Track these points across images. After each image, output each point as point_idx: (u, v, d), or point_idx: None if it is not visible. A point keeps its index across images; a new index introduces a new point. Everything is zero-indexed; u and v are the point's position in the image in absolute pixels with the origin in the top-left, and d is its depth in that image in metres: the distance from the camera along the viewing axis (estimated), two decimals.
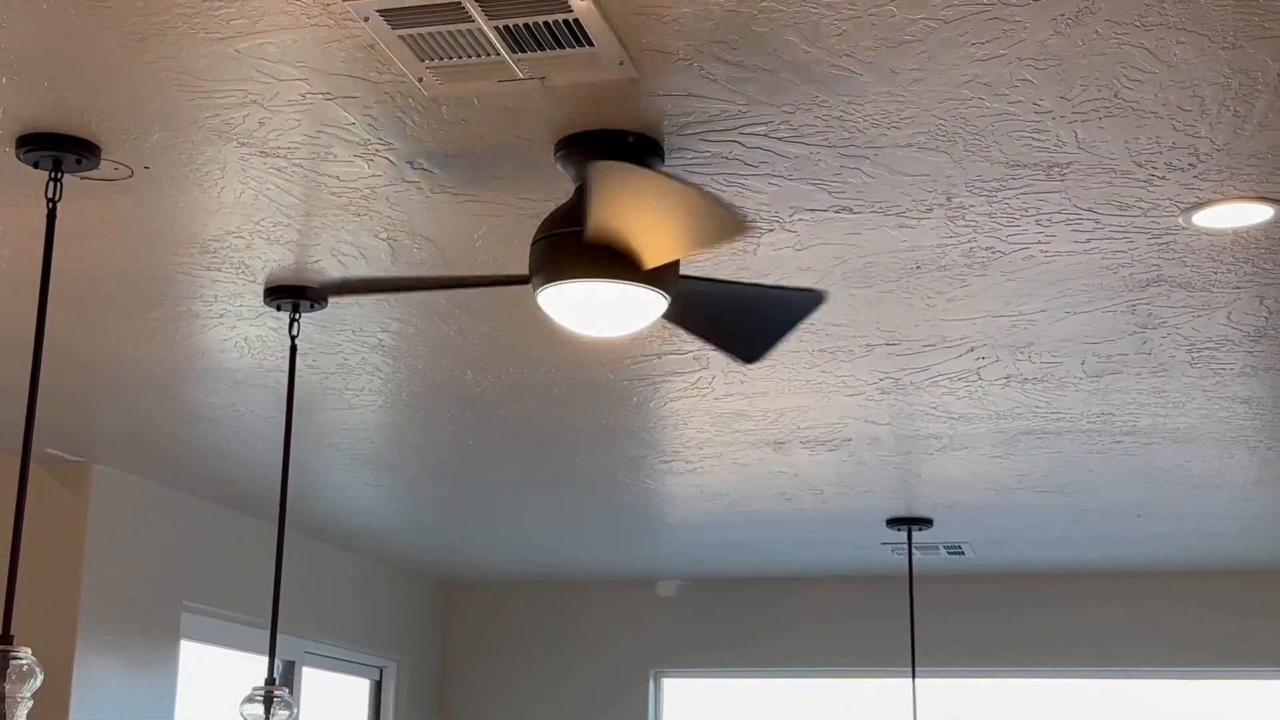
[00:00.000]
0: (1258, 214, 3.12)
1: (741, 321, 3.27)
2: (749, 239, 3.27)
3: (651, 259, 2.76)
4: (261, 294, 3.69)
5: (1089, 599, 7.57)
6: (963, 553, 7.00)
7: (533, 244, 2.86)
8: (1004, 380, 4.32)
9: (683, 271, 2.94)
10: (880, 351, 4.08)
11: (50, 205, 2.93)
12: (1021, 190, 3.02)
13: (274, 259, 3.48)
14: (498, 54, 2.51)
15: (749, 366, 3.40)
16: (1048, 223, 3.19)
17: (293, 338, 3.82)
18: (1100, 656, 7.53)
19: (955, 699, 7.73)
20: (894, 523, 6.36)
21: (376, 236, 3.33)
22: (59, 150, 2.85)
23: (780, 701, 8.05)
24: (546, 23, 2.42)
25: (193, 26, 2.46)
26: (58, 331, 3.95)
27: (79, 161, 2.89)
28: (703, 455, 5.28)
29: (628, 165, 2.65)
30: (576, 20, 2.40)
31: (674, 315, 3.03)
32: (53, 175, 2.91)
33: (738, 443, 5.09)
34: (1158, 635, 7.46)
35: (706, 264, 3.39)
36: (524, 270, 2.96)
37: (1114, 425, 4.77)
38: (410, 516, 6.62)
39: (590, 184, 2.59)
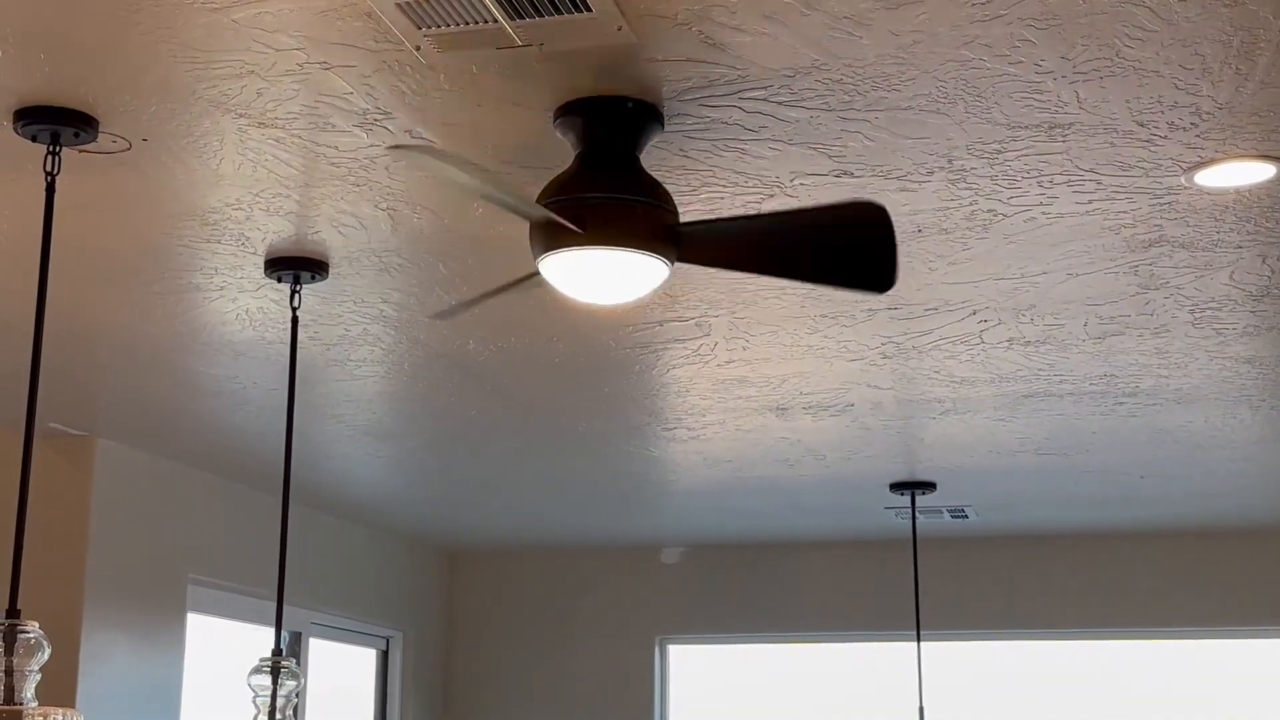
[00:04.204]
0: (1260, 173, 3.11)
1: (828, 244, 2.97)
2: (750, 206, 3.27)
3: None
4: (262, 266, 3.68)
5: (1092, 561, 7.58)
6: (966, 516, 7.01)
7: None
8: (1006, 343, 4.32)
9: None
10: (882, 316, 4.07)
11: (49, 179, 2.92)
12: (1023, 152, 3.01)
13: (274, 230, 3.47)
14: (495, 20, 2.50)
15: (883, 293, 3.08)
16: (1049, 184, 3.17)
17: (294, 309, 3.82)
18: (1104, 618, 7.55)
19: (960, 662, 7.75)
20: (897, 487, 6.37)
21: (376, 206, 3.32)
22: (56, 123, 2.84)
23: (786, 667, 8.08)
24: None
25: None
26: (58, 306, 3.94)
27: (77, 134, 2.88)
28: (705, 422, 5.27)
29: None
30: None
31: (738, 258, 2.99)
32: (51, 149, 2.91)
33: (740, 409, 5.09)
34: (1162, 595, 7.48)
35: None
36: (524, 239, 2.95)
37: (1117, 387, 4.77)
38: (414, 487, 6.63)
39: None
